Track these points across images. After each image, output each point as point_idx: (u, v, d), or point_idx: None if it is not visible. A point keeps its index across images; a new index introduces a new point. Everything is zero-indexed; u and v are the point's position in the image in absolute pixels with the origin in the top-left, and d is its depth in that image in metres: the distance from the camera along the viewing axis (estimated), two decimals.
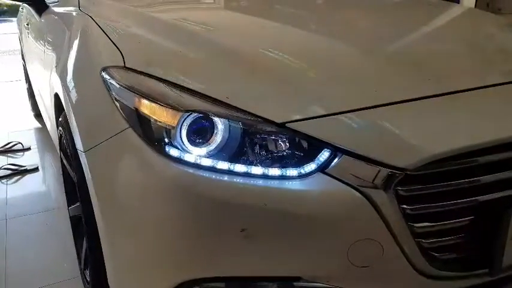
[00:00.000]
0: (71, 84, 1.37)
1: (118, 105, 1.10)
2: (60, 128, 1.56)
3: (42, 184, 2.66)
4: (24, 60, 3.71)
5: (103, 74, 1.17)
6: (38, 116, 3.56)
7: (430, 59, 1.22)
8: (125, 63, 1.14)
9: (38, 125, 3.64)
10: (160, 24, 1.38)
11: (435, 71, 1.15)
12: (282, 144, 0.98)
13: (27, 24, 2.94)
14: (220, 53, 1.16)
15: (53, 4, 2.11)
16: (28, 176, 2.72)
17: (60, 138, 1.61)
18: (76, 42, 1.48)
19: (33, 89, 3.03)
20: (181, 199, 0.99)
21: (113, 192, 1.10)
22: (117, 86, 1.12)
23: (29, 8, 2.63)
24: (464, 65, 1.24)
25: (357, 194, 0.94)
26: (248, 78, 1.06)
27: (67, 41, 1.57)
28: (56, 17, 1.95)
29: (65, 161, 1.65)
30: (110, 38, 1.28)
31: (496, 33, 1.62)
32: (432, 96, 1.04)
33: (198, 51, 1.18)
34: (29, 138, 3.34)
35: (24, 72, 3.86)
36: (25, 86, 4.03)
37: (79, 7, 1.68)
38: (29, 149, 3.14)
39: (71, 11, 1.74)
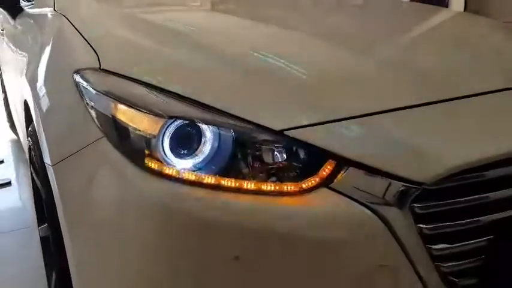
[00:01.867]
0: (41, 90, 1.22)
1: (91, 111, 0.96)
2: (29, 138, 1.41)
3: (14, 200, 2.48)
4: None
5: (75, 76, 1.03)
6: (13, 126, 3.38)
7: (436, 64, 1.11)
8: (100, 64, 1.01)
9: (14, 136, 3.45)
10: (144, 25, 1.24)
11: (444, 75, 1.04)
12: (280, 154, 0.85)
13: (2, 30, 2.78)
14: (209, 55, 1.03)
15: (28, 6, 1.97)
16: (0, 191, 2.53)
17: (29, 150, 1.46)
18: (48, 45, 1.34)
19: (8, 98, 2.86)
20: (162, 220, 0.85)
21: (83, 211, 0.96)
22: (91, 89, 0.98)
23: (3, 12, 2.48)
24: (472, 70, 1.14)
25: (367, 212, 0.81)
26: (240, 81, 0.93)
27: (39, 44, 1.43)
28: (30, 20, 1.80)
29: (34, 176, 1.49)
30: (85, 39, 1.14)
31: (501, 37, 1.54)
32: (445, 101, 0.93)
33: (184, 52, 1.04)
34: (3, 151, 3.15)
35: (0, 81, 3.68)
36: (1, 96, 3.84)
37: (54, 8, 1.54)
38: (1, 162, 2.95)
39: (46, 12, 1.60)
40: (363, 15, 1.68)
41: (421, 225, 0.83)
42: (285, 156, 0.85)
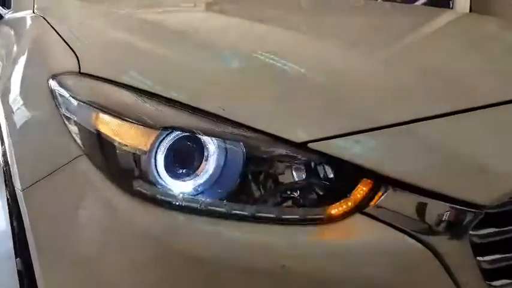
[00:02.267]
0: (14, 103, 1.04)
1: (68, 123, 0.79)
2: (2, 159, 1.23)
3: None
4: None
5: (51, 83, 0.86)
6: None
7: (465, 68, 0.96)
8: (80, 68, 0.84)
9: None
10: (133, 23, 1.07)
11: (474, 80, 0.88)
12: (302, 173, 0.69)
13: None
14: (210, 55, 0.87)
15: (8, 13, 1.81)
16: None
17: (4, 173, 1.28)
18: (24, 52, 1.17)
19: None
20: (156, 258, 0.67)
21: (59, 245, 0.78)
22: (68, 97, 0.81)
23: None
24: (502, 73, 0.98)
25: (415, 243, 0.65)
26: (250, 84, 0.77)
27: (14, 53, 1.26)
28: (7, 27, 1.64)
29: (10, 202, 1.31)
30: (64, 40, 0.97)
31: None
32: (484, 107, 0.76)
33: (181, 52, 0.88)
34: None
35: None
36: None
37: (33, 10, 1.38)
38: None
39: (25, 15, 1.44)
40: (376, 19, 1.53)
41: (480, 258, 0.66)
42: (308, 175, 0.69)
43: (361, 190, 0.67)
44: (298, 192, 0.69)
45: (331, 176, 0.68)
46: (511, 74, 0.90)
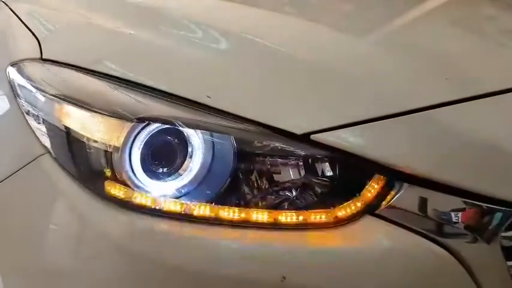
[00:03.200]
0: None
1: (28, 117, 0.68)
2: None
3: None
4: None
5: (8, 71, 0.75)
6: None
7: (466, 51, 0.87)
8: (42, 53, 0.73)
9: None
10: (103, 2, 0.95)
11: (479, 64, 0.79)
12: (303, 170, 0.59)
13: None
14: (194, 36, 0.76)
15: None
16: None
17: None
18: None
19: None
20: (133, 273, 0.57)
21: (19, 258, 0.67)
22: (29, 87, 0.70)
23: None
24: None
25: (435, 247, 0.56)
26: (241, 68, 0.66)
27: None
28: None
29: None
30: (25, 25, 0.86)
31: None
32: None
33: (160, 34, 0.77)
34: None
35: None
36: None
37: None
38: None
39: None
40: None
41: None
42: (310, 172, 0.59)
43: (371, 188, 0.57)
44: (299, 192, 0.59)
45: (337, 172, 0.58)
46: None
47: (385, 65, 0.66)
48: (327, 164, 0.59)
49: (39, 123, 0.67)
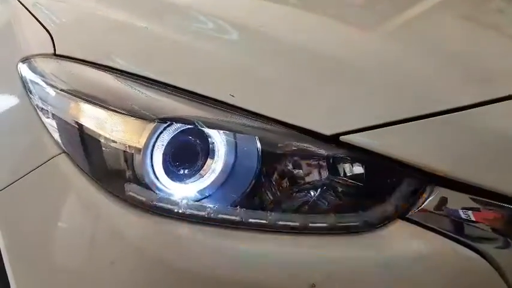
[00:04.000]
0: None
1: (43, 116, 0.66)
2: None
3: None
4: None
5: (20, 68, 0.72)
6: None
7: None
8: (55, 49, 0.70)
9: None
10: None
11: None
12: (331, 172, 0.57)
13: None
14: (217, 31, 0.72)
15: None
16: None
17: None
18: None
19: None
20: (153, 278, 0.55)
21: (33, 254, 0.65)
22: (42, 84, 0.67)
23: None
24: None
25: (470, 253, 0.53)
26: (267, 66, 0.63)
27: None
28: None
29: None
30: (37, 19, 0.83)
31: None
32: None
33: (181, 29, 0.73)
34: None
35: None
36: None
37: None
38: None
39: None
40: None
41: None
42: (338, 174, 0.57)
43: (403, 191, 0.55)
44: (326, 195, 0.57)
45: (367, 175, 0.56)
46: None
47: (414, 62, 0.64)
48: (356, 166, 0.56)
49: (54, 121, 0.65)
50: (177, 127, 0.57)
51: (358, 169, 0.56)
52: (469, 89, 0.61)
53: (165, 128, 0.56)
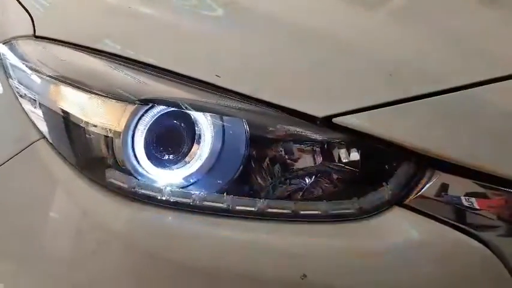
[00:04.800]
0: None
1: (22, 100, 0.63)
2: None
3: None
4: None
5: (0, 49, 0.69)
6: None
7: None
8: (35, 30, 0.67)
9: None
10: None
11: None
12: (324, 157, 0.53)
13: None
14: (201, 6, 0.68)
15: None
16: None
17: None
18: None
19: None
20: (137, 268, 0.52)
21: (15, 251, 0.62)
22: (22, 66, 0.64)
23: None
24: None
25: (471, 241, 0.50)
26: (254, 44, 0.59)
27: None
28: None
29: None
30: (19, 1, 0.79)
31: None
32: None
33: (164, 5, 0.70)
34: None
35: None
36: None
37: None
38: None
39: None
40: None
41: None
42: (331, 159, 0.53)
43: (400, 177, 0.52)
44: (318, 181, 0.54)
45: (362, 160, 0.53)
46: None
47: (412, 43, 0.60)
48: (350, 150, 0.53)
49: (34, 106, 0.62)
50: (159, 109, 0.54)
51: (353, 154, 0.53)
52: (469, 68, 0.57)
53: (146, 111, 0.53)
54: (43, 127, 0.60)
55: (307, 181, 0.54)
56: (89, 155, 0.56)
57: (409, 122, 0.52)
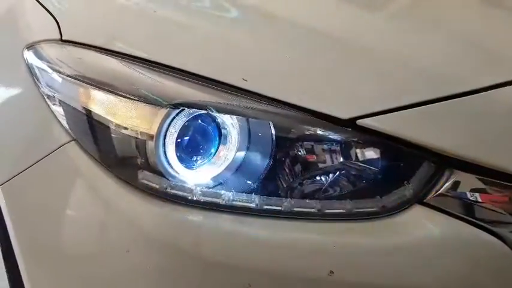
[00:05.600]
0: None
1: (50, 103, 0.65)
2: None
3: None
4: None
5: (26, 54, 0.71)
6: None
7: None
8: (61, 34, 0.69)
9: None
10: None
11: None
12: (348, 157, 0.56)
13: None
14: (229, 14, 0.70)
15: None
16: None
17: None
18: None
19: None
20: (168, 267, 0.55)
21: (45, 244, 0.65)
22: (49, 70, 0.66)
23: None
24: None
25: (491, 238, 0.52)
26: (280, 49, 0.61)
27: None
28: None
29: None
30: (42, 4, 0.81)
31: None
32: None
33: (191, 11, 0.71)
34: None
35: None
36: None
37: None
38: None
39: None
40: None
41: None
42: (355, 159, 0.55)
43: (421, 175, 0.54)
44: (343, 181, 0.56)
45: (384, 160, 0.55)
46: None
47: (433, 47, 0.62)
48: (373, 150, 0.55)
49: (62, 109, 0.64)
50: (189, 113, 0.56)
51: (375, 154, 0.55)
52: (487, 70, 0.59)
53: (177, 114, 0.55)
54: (72, 129, 0.62)
55: (330, 180, 0.56)
56: (120, 157, 0.58)
57: (428, 123, 0.54)
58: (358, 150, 0.55)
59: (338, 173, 0.56)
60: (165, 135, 0.55)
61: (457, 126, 0.54)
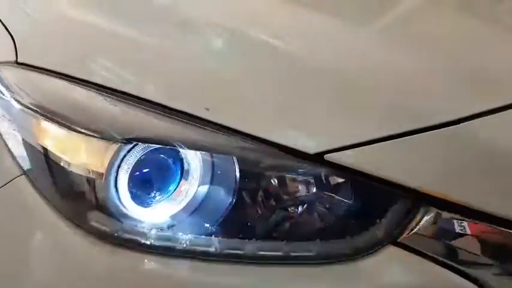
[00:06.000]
0: None
1: (2, 130, 0.60)
2: None
3: None
4: None
5: None
6: None
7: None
8: (17, 55, 0.64)
9: None
10: None
11: None
12: (316, 194, 0.51)
13: None
14: (192, 36, 0.65)
15: None
16: None
17: None
18: None
19: None
20: None
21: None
22: (3, 95, 0.62)
23: None
24: None
25: (467, 283, 0.48)
26: (245, 77, 0.57)
27: None
28: None
29: None
30: (1, 22, 0.76)
31: None
32: None
33: (153, 34, 0.66)
34: None
35: None
36: None
37: None
38: None
39: None
40: None
41: None
42: (324, 197, 0.51)
43: (394, 213, 0.50)
44: (311, 220, 0.52)
45: (355, 197, 0.51)
46: None
47: (404, 70, 0.57)
48: (343, 187, 0.51)
49: (12, 140, 0.59)
50: (145, 146, 0.51)
51: (345, 190, 0.51)
52: (467, 98, 0.55)
53: (131, 149, 0.51)
54: (24, 162, 0.58)
55: (297, 219, 0.52)
56: (70, 195, 0.53)
57: (402, 158, 0.50)
58: (327, 187, 0.51)
59: (306, 211, 0.52)
60: (116, 172, 0.50)
61: (433, 161, 0.50)
